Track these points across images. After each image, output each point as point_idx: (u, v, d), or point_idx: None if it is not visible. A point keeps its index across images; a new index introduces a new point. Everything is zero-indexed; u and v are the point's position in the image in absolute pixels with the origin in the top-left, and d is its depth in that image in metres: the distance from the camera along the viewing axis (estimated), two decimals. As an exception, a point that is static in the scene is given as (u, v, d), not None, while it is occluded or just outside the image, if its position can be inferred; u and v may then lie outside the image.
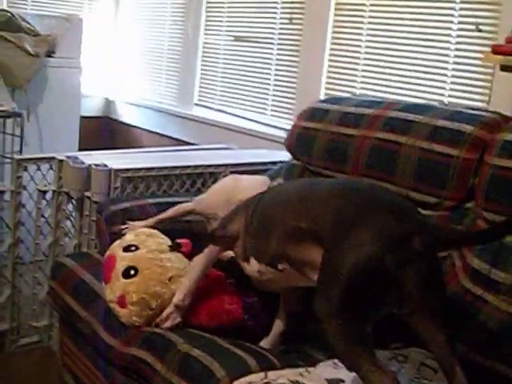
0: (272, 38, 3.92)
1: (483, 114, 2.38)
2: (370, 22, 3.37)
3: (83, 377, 2.49)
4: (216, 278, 2.32)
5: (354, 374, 1.86)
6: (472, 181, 2.26)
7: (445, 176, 2.28)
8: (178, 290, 2.18)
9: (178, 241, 2.36)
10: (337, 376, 1.85)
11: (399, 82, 3.22)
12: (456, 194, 2.28)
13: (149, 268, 2.23)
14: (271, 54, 3.93)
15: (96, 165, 2.89)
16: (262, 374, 1.86)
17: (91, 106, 5.15)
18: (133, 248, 2.29)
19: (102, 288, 2.32)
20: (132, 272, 2.22)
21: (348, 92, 3.42)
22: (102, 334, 2.25)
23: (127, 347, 2.15)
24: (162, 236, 2.39)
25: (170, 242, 2.35)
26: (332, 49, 3.53)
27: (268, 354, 2.02)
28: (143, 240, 2.33)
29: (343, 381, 1.81)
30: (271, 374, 1.85)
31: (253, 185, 2.42)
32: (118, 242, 2.36)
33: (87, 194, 2.92)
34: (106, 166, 2.88)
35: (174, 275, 2.24)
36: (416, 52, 3.14)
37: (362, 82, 3.40)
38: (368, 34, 3.36)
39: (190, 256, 2.31)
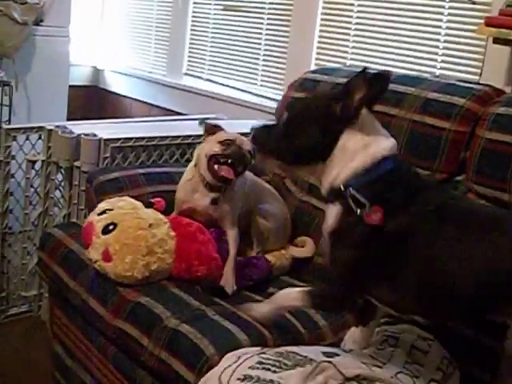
0: (262, 8, 3.88)
1: (475, 86, 2.38)
2: (361, -7, 3.35)
3: (74, 347, 2.49)
4: (199, 227, 2.34)
5: (348, 349, 1.89)
6: (463, 154, 2.27)
7: (436, 149, 2.29)
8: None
9: (153, 200, 2.40)
10: (332, 350, 1.87)
11: (391, 53, 3.20)
12: (447, 167, 2.29)
13: (127, 220, 2.26)
14: (261, 23, 3.89)
15: (85, 134, 2.87)
16: (257, 348, 1.87)
17: (80, 75, 5.10)
18: (107, 211, 2.32)
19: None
20: (111, 227, 2.25)
21: (339, 63, 3.40)
22: (91, 304, 2.25)
23: (115, 318, 2.15)
24: (134, 200, 2.40)
25: (141, 204, 2.37)
26: (323, 19, 3.50)
27: (259, 326, 2.02)
28: (116, 204, 2.35)
29: (338, 354, 1.82)
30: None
31: None
32: (92, 212, 2.38)
33: (76, 163, 2.91)
34: (95, 135, 2.85)
35: (152, 223, 2.27)
36: (408, 23, 3.12)
37: (352, 53, 3.37)
38: (359, 5, 3.33)
39: (164, 213, 2.36)
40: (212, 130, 2.44)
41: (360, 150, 1.70)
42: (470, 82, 2.49)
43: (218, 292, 2.22)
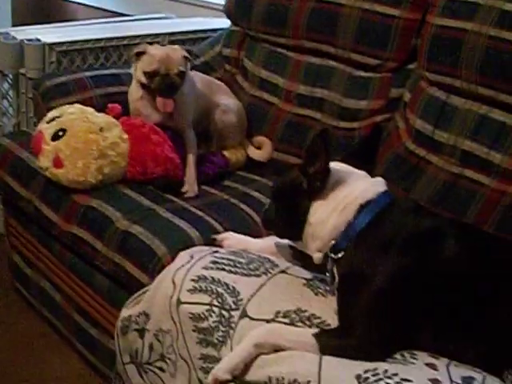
0: None
1: (425, -28, 2.33)
2: None
3: (32, 257, 2.48)
4: (152, 128, 2.30)
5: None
6: (414, 41, 2.24)
7: (386, 37, 2.26)
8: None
9: (108, 105, 2.36)
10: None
11: None
12: (398, 55, 2.27)
13: (76, 125, 2.21)
14: None
15: (29, 40, 2.78)
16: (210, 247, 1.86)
17: (22, -19, 4.92)
18: (57, 119, 2.26)
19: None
20: (60, 133, 2.20)
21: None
22: (44, 211, 2.23)
23: (68, 224, 2.14)
24: (84, 107, 2.34)
25: (92, 109, 2.31)
26: None
27: (210, 221, 2.03)
28: (65, 110, 2.29)
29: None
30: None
31: None
32: (41, 121, 2.32)
33: (22, 70, 2.82)
34: (39, 40, 2.77)
35: (103, 127, 2.22)
36: None
37: None
38: None
39: (118, 118, 2.31)
40: (139, 53, 2.30)
41: (330, 214, 1.60)
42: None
43: (172, 188, 2.20)
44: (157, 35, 3.03)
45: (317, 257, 1.64)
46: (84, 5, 4.60)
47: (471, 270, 1.51)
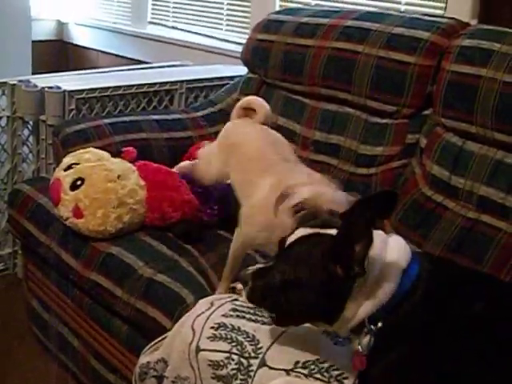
0: (225, -49, 3.80)
1: (440, 20, 2.36)
2: None
3: (50, 301, 2.49)
4: (168, 173, 2.34)
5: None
6: (430, 88, 2.26)
7: (402, 83, 2.27)
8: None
9: (123, 149, 2.38)
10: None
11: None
12: (414, 102, 2.28)
13: (94, 173, 2.23)
14: (224, -33, 3.82)
15: (49, 87, 2.83)
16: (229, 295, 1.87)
17: (43, 30, 5.00)
18: (73, 166, 2.28)
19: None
20: (79, 182, 2.22)
21: (303, 3, 3.35)
22: (63, 257, 2.25)
23: (87, 270, 2.15)
24: (100, 151, 2.37)
25: (108, 154, 2.34)
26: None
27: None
28: (81, 157, 2.32)
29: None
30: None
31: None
32: (58, 168, 2.34)
33: (42, 117, 2.87)
34: (59, 87, 2.81)
35: (121, 174, 2.24)
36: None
37: (318, -7, 3.32)
38: None
39: (134, 162, 2.34)
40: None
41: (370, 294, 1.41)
42: (435, 16, 2.48)
43: (191, 238, 2.21)
44: (174, 82, 3.07)
45: (344, 335, 1.50)
46: (103, 52, 4.67)
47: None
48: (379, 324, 1.41)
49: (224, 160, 2.08)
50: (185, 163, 2.43)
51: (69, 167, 2.29)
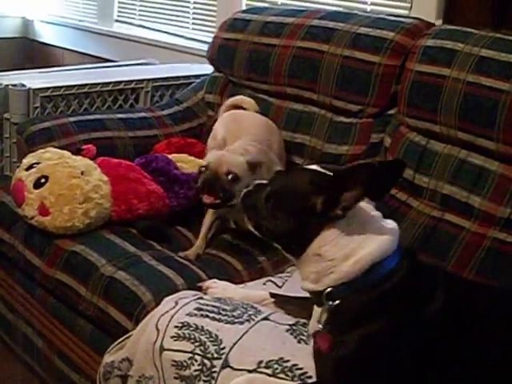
0: None
1: (405, 20, 2.38)
2: None
3: (14, 302, 2.45)
4: (129, 166, 2.34)
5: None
6: (394, 87, 2.27)
7: (367, 83, 2.29)
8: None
9: (83, 147, 2.38)
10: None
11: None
12: (378, 101, 2.30)
13: (58, 170, 2.21)
14: (190, -36, 3.81)
15: (13, 85, 2.79)
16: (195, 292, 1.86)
17: (7, 27, 4.95)
18: (35, 165, 2.26)
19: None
20: (42, 180, 2.20)
21: (270, 2, 3.35)
22: (27, 256, 2.22)
23: (52, 269, 2.13)
24: (59, 150, 2.35)
25: (69, 153, 2.32)
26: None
27: (195, 269, 2.02)
28: (42, 156, 2.30)
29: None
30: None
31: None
32: (18, 169, 2.31)
33: (6, 115, 2.83)
34: (23, 85, 2.79)
35: (84, 170, 2.24)
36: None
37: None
38: None
39: (94, 159, 2.34)
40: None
41: (340, 260, 1.44)
42: (400, 16, 2.50)
43: (155, 234, 2.21)
44: (140, 81, 3.06)
45: (305, 287, 1.53)
46: (69, 50, 4.64)
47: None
48: (336, 301, 1.45)
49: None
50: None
51: (30, 167, 2.26)
